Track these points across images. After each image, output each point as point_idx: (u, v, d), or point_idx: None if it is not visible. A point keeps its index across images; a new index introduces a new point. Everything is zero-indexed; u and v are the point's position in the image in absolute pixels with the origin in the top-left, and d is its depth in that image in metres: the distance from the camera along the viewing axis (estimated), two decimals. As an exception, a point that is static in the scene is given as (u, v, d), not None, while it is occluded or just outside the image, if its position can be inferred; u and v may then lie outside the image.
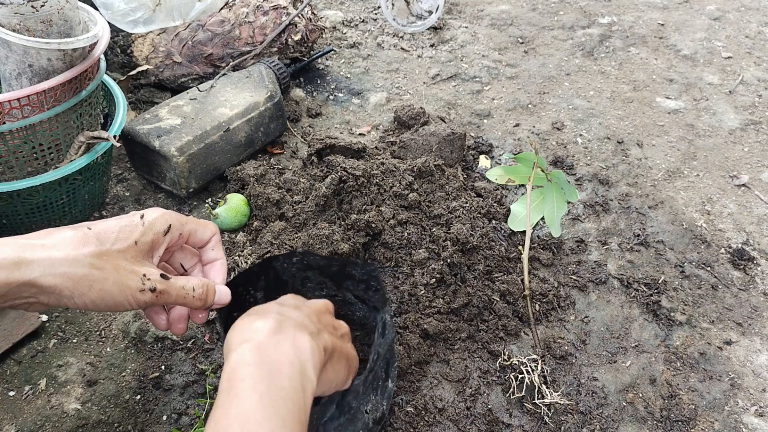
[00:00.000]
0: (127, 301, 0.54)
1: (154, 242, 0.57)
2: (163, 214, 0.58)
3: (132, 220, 0.56)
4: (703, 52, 1.68)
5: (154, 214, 0.57)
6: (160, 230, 0.57)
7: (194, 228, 0.62)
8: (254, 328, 0.50)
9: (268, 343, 0.49)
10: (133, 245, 0.54)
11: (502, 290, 0.95)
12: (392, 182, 1.03)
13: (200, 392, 0.82)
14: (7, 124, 0.83)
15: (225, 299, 0.63)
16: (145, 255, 0.56)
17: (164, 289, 0.56)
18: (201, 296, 0.59)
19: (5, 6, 0.80)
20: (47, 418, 0.77)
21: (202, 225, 0.63)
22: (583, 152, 1.30)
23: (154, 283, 0.55)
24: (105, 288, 0.52)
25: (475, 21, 1.77)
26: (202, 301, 0.60)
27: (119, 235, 0.54)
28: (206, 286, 0.60)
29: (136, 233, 0.55)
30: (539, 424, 0.81)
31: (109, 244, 0.53)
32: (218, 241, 0.64)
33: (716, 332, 0.96)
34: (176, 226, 0.59)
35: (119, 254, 0.53)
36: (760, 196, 1.23)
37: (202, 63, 1.31)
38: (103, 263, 0.52)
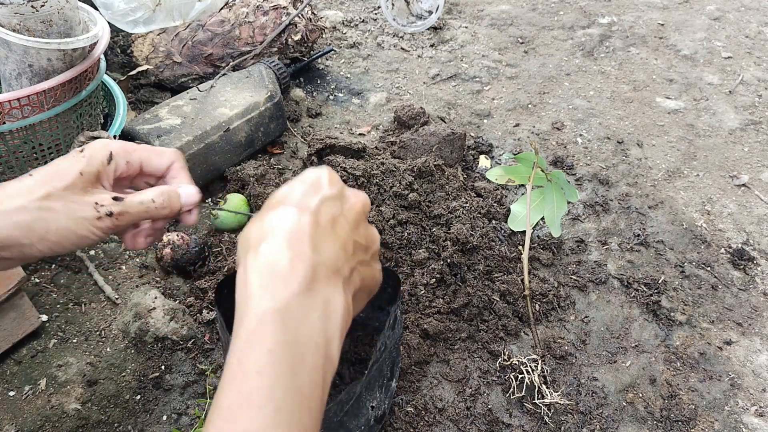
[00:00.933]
0: (90, 232, 0.52)
1: (99, 172, 0.54)
2: (105, 144, 0.56)
3: (72, 156, 0.54)
4: (703, 52, 1.68)
5: (95, 145, 0.55)
6: (103, 159, 0.55)
7: (146, 156, 0.58)
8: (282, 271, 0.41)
9: (295, 310, 0.40)
10: (78, 176, 0.53)
11: (502, 290, 0.95)
12: (392, 182, 1.03)
13: (200, 392, 0.82)
14: (7, 124, 0.83)
15: (194, 198, 0.59)
16: (94, 185, 0.54)
17: (122, 210, 0.54)
18: (164, 204, 0.57)
19: (5, 6, 0.80)
20: (47, 418, 0.77)
21: (156, 152, 0.59)
22: (583, 152, 1.30)
23: (109, 207, 0.53)
24: (61, 225, 0.51)
25: (475, 21, 1.77)
26: (168, 207, 0.57)
27: (61, 173, 0.52)
28: (167, 193, 0.57)
29: (78, 165, 0.53)
30: (539, 424, 0.81)
31: (53, 183, 0.51)
32: (181, 168, 0.60)
33: (716, 332, 0.96)
34: (120, 153, 0.56)
35: (66, 190, 0.52)
36: (760, 196, 1.23)
37: (202, 63, 1.31)
38: (51, 203, 0.51)
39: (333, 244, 0.45)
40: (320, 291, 0.42)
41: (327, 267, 0.43)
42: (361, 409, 0.66)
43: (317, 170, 0.49)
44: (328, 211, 0.46)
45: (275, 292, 0.40)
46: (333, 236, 0.45)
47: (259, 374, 0.38)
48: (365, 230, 0.51)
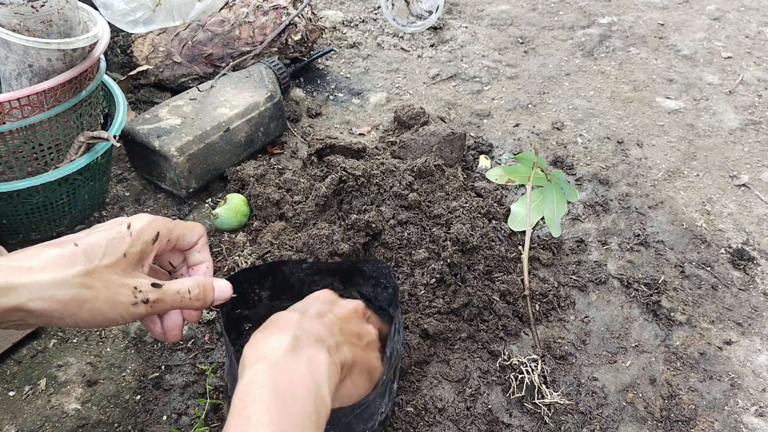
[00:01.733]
0: (121, 317, 0.53)
1: (143, 252, 0.55)
2: (150, 222, 0.56)
3: (119, 232, 0.54)
4: (703, 52, 1.68)
5: (141, 222, 0.56)
6: (148, 239, 0.55)
7: (182, 232, 0.61)
8: (270, 344, 0.49)
9: (282, 362, 0.47)
10: (122, 258, 0.53)
11: (502, 290, 0.95)
12: (392, 182, 1.03)
13: (200, 392, 0.82)
14: (7, 124, 0.83)
15: (226, 294, 0.61)
16: (135, 266, 0.54)
17: (158, 298, 0.54)
18: (199, 296, 0.58)
19: (5, 6, 0.80)
20: (47, 418, 0.77)
21: (189, 228, 0.61)
22: (583, 152, 1.30)
23: (146, 294, 0.53)
24: (96, 307, 0.51)
25: (475, 21, 1.77)
26: (201, 300, 0.58)
27: (107, 249, 0.52)
28: (203, 285, 0.58)
29: (124, 245, 0.53)
30: (539, 424, 0.81)
31: (97, 260, 0.51)
32: (205, 243, 0.64)
33: (716, 332, 0.96)
34: (164, 233, 0.58)
35: (108, 269, 0.52)
36: (760, 196, 1.23)
37: (202, 63, 1.31)
38: (92, 281, 0.50)
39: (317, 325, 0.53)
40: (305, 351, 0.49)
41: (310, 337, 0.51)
42: (373, 415, 0.66)
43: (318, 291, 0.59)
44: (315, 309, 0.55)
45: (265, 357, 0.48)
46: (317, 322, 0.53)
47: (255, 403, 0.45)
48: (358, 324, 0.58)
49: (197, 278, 0.59)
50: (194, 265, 0.64)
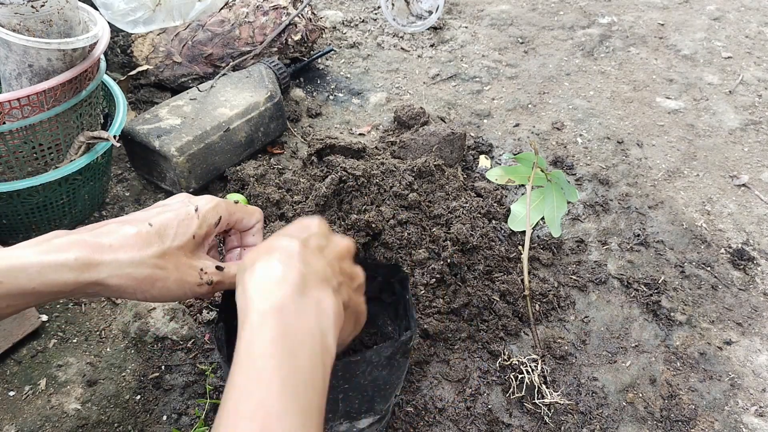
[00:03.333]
0: (185, 294, 0.56)
1: (207, 234, 0.59)
2: (215, 207, 0.59)
3: (188, 213, 0.57)
4: (703, 52, 1.68)
5: (207, 205, 0.59)
6: (212, 222, 0.59)
7: (241, 217, 0.63)
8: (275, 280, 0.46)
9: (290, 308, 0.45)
10: (191, 239, 0.56)
11: (502, 290, 0.95)
12: (392, 182, 1.03)
13: (200, 392, 0.82)
14: (7, 124, 0.83)
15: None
16: (200, 246, 0.58)
17: (220, 280, 0.58)
18: None
19: (5, 6, 0.80)
20: (47, 418, 0.77)
21: (248, 213, 0.64)
22: (583, 152, 1.30)
23: (211, 276, 0.57)
24: (166, 285, 0.54)
25: (475, 21, 1.77)
26: None
27: (178, 230, 0.56)
28: None
29: (193, 227, 0.57)
30: (539, 424, 0.81)
31: (169, 241, 0.55)
32: (260, 228, 0.66)
33: (716, 332, 0.96)
34: (225, 217, 0.61)
35: (179, 250, 0.55)
36: (760, 196, 1.23)
37: (202, 63, 1.31)
38: (164, 262, 0.54)
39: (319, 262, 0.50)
40: (312, 293, 0.47)
41: (316, 276, 0.48)
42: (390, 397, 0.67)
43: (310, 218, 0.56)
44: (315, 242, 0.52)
45: (272, 295, 0.45)
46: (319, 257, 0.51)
47: (263, 357, 0.42)
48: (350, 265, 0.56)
49: None
50: (248, 246, 0.67)
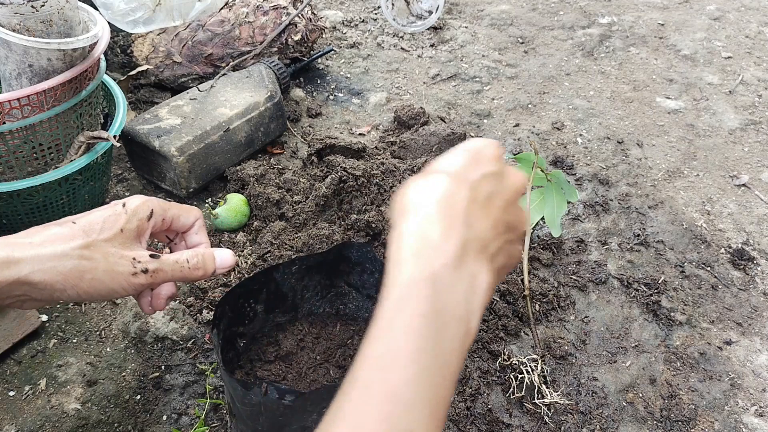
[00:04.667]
0: (121, 287, 0.54)
1: (139, 228, 0.57)
2: (145, 201, 0.58)
3: (115, 210, 0.56)
4: (703, 52, 1.68)
5: (136, 201, 0.58)
6: (143, 216, 0.57)
7: (177, 213, 0.62)
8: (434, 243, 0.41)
9: (445, 280, 0.41)
10: (120, 233, 0.55)
11: (502, 290, 0.95)
12: (392, 182, 1.03)
13: (200, 392, 0.82)
14: (7, 124, 0.83)
15: (228, 262, 0.62)
16: (133, 240, 0.56)
17: (157, 268, 0.56)
18: (198, 265, 0.59)
19: (5, 6, 0.80)
20: (47, 418, 0.77)
21: (185, 210, 0.63)
22: (583, 152, 1.30)
23: (145, 264, 0.55)
24: (96, 277, 0.53)
25: (475, 21, 1.77)
26: (202, 269, 0.59)
27: (104, 225, 0.54)
28: (202, 255, 0.60)
29: (120, 221, 0.55)
30: (539, 424, 0.81)
31: (95, 234, 0.53)
32: (202, 225, 0.64)
33: (716, 332, 0.96)
34: (158, 211, 0.59)
35: (107, 242, 0.54)
36: (760, 196, 1.23)
37: (202, 63, 1.31)
38: (91, 253, 0.52)
39: (485, 221, 0.44)
40: (468, 266, 0.42)
41: (476, 243, 0.43)
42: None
43: (482, 141, 0.48)
44: (486, 188, 0.45)
45: (427, 262, 0.41)
46: (486, 213, 0.45)
47: (405, 335, 0.39)
48: (516, 211, 0.49)
49: (196, 249, 0.60)
50: (192, 246, 0.65)
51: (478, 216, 0.44)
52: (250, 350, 0.81)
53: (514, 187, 0.48)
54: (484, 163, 0.46)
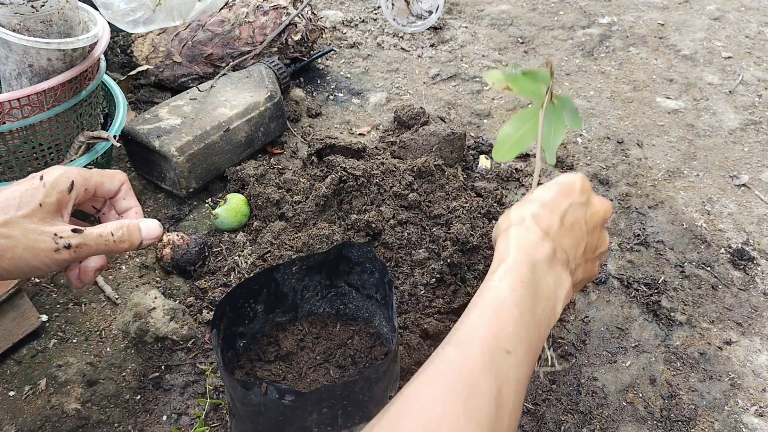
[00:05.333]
0: (44, 264, 0.53)
1: (60, 202, 0.55)
2: (64, 173, 0.56)
3: (32, 184, 0.54)
4: (703, 52, 1.68)
5: (54, 173, 0.56)
6: (63, 188, 0.55)
7: (99, 181, 0.60)
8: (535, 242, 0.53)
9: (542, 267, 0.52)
10: (38, 208, 0.53)
11: (502, 290, 0.94)
12: (392, 182, 1.03)
13: (200, 392, 0.82)
14: (7, 124, 0.83)
15: (154, 233, 0.60)
16: (54, 215, 0.54)
17: (81, 242, 0.54)
18: (123, 238, 0.58)
19: (5, 6, 0.80)
20: (47, 418, 0.77)
21: (108, 176, 0.61)
22: (583, 152, 1.30)
23: (68, 239, 0.53)
24: (16, 255, 0.51)
25: (475, 21, 1.77)
26: (128, 241, 0.58)
27: (21, 200, 0.53)
28: (126, 227, 0.58)
29: (38, 196, 0.53)
30: (539, 424, 0.81)
31: (12, 210, 0.52)
32: (128, 189, 0.63)
33: (716, 332, 0.96)
34: (79, 181, 0.57)
35: (25, 219, 0.52)
36: (760, 196, 1.23)
37: (202, 63, 1.31)
38: (9, 231, 0.51)
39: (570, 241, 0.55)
40: (556, 267, 0.53)
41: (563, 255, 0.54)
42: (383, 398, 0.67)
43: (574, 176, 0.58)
44: (573, 215, 0.56)
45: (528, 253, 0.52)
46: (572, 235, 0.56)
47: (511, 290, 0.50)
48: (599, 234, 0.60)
49: (120, 221, 0.59)
50: (123, 212, 0.64)
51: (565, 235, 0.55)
52: (250, 350, 0.81)
53: (598, 216, 0.58)
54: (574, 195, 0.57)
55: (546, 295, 0.52)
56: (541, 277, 0.52)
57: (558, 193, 0.57)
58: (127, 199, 0.63)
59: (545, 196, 0.57)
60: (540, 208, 0.55)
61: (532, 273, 0.51)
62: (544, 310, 0.51)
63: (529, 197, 0.57)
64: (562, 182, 0.58)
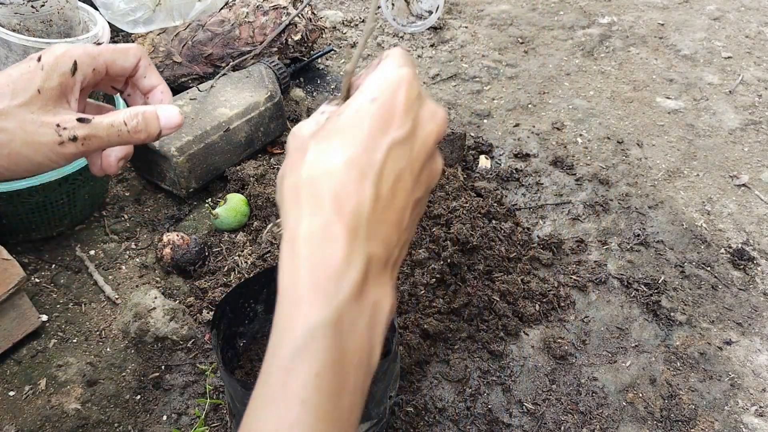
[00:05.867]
0: (49, 159, 0.47)
1: (63, 86, 0.48)
2: (66, 51, 0.48)
3: (29, 67, 0.47)
4: (703, 52, 1.68)
5: (55, 52, 0.48)
6: (65, 70, 0.48)
7: (110, 58, 0.51)
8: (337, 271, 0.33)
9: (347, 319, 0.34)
10: (37, 95, 0.46)
11: (502, 290, 0.95)
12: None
13: (200, 392, 0.82)
14: (7, 124, 0.83)
15: (174, 121, 0.53)
16: (56, 102, 0.47)
17: (89, 134, 0.47)
18: (138, 127, 0.50)
19: (5, 6, 0.81)
20: (47, 418, 0.77)
21: (120, 52, 0.52)
22: (583, 152, 1.30)
23: (73, 130, 0.46)
24: (15, 150, 0.45)
25: (475, 21, 1.77)
26: (144, 131, 0.51)
27: (16, 87, 0.46)
28: (141, 114, 0.50)
29: (36, 80, 0.46)
30: (539, 424, 0.81)
31: (7, 99, 0.45)
32: (148, 65, 0.55)
33: (716, 332, 0.96)
34: (85, 61, 0.49)
35: (22, 108, 0.45)
36: (760, 196, 1.23)
37: (202, 63, 1.31)
38: (5, 124, 0.45)
39: (389, 225, 0.36)
40: (370, 293, 0.35)
41: (380, 259, 0.36)
42: (383, 398, 0.67)
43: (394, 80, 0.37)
44: (393, 168, 0.36)
45: (327, 299, 0.34)
46: (391, 210, 0.36)
47: (303, 404, 0.33)
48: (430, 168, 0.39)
49: (135, 108, 0.51)
50: (147, 92, 0.56)
51: (381, 220, 0.36)
52: (250, 350, 0.81)
53: (429, 142, 0.38)
54: (395, 122, 0.36)
55: (357, 361, 0.35)
56: (350, 332, 0.34)
57: (372, 128, 0.35)
58: (149, 76, 0.55)
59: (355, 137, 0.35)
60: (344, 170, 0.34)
61: (335, 341, 0.33)
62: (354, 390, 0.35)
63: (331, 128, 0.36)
64: (378, 99, 0.36)
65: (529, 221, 1.12)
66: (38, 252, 0.97)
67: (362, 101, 0.36)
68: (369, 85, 0.37)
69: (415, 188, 0.37)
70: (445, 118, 0.39)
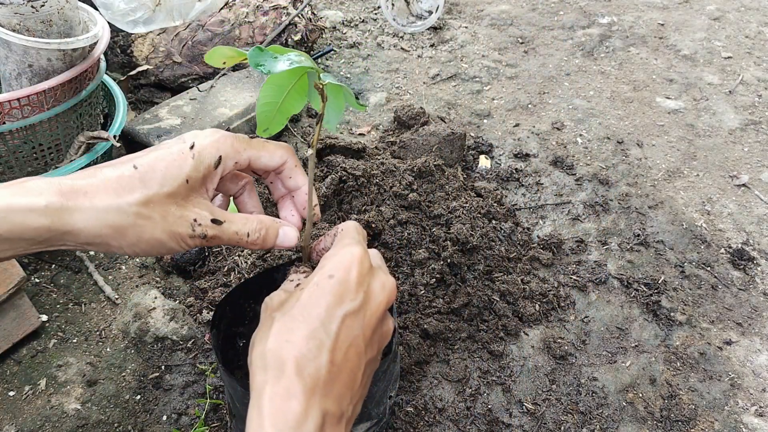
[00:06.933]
0: (179, 245, 0.49)
1: (205, 177, 0.50)
2: (215, 142, 0.50)
3: (180, 152, 0.48)
4: (703, 52, 1.68)
5: (204, 141, 0.49)
6: (210, 163, 0.49)
7: (255, 155, 0.53)
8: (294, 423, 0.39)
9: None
10: (184, 184, 0.48)
11: (502, 290, 0.95)
12: (392, 182, 1.03)
13: (200, 392, 0.82)
14: (7, 124, 0.83)
15: (290, 242, 0.55)
16: (197, 191, 0.50)
17: (216, 235, 0.50)
18: (257, 241, 0.53)
19: (5, 6, 0.80)
20: (47, 418, 0.77)
21: (268, 150, 0.53)
22: (583, 152, 1.30)
23: (205, 229, 0.49)
24: (154, 237, 0.47)
25: (475, 21, 1.77)
26: (259, 244, 0.53)
27: (167, 173, 0.47)
28: (264, 231, 0.53)
29: (186, 168, 0.48)
30: (539, 424, 0.81)
31: (156, 186, 0.47)
32: (293, 166, 0.55)
33: (716, 332, 0.96)
34: (229, 155, 0.51)
35: (168, 198, 0.47)
36: (760, 196, 1.23)
37: (202, 63, 1.31)
38: (149, 211, 0.47)
39: (343, 385, 0.43)
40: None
41: (333, 414, 0.42)
42: (383, 398, 0.67)
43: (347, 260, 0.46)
44: (348, 335, 0.44)
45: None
46: (346, 371, 0.43)
47: None
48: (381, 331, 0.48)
49: (263, 220, 0.54)
50: (292, 190, 0.58)
51: (336, 380, 0.42)
52: None
53: (379, 310, 0.46)
54: (348, 295, 0.44)
55: None
56: None
57: (329, 302, 0.44)
58: (294, 177, 0.55)
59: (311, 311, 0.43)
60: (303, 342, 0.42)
61: None
62: None
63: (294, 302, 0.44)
64: (334, 277, 0.45)
65: (529, 221, 1.12)
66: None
67: (321, 277, 0.45)
68: (326, 264, 0.46)
69: (368, 350, 0.45)
70: (393, 288, 0.48)
